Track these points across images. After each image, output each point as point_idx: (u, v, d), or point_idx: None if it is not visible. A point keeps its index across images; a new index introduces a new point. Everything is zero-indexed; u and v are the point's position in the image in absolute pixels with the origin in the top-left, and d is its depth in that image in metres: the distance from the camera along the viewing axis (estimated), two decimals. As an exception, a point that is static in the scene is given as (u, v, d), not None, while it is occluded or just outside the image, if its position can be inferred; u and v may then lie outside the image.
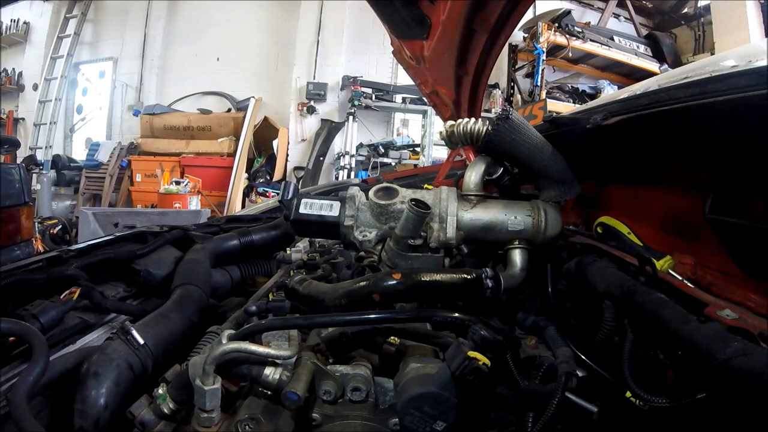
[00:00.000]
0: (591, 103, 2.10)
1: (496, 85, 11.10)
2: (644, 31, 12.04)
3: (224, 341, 0.92)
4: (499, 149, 1.58)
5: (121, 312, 1.69)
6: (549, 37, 9.93)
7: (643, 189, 1.92)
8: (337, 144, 11.13)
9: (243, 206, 10.15)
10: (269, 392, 0.97)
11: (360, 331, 1.14)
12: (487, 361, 0.93)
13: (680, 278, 1.59)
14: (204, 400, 0.88)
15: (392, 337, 1.14)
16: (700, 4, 11.28)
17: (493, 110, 10.31)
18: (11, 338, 1.29)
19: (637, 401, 1.06)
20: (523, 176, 1.74)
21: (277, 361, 0.96)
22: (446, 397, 0.93)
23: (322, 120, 11.14)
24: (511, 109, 1.53)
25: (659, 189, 1.82)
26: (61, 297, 1.57)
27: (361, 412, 1.01)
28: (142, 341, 1.27)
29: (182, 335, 1.47)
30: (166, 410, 0.99)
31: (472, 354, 0.93)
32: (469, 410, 1.05)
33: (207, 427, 0.91)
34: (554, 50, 10.36)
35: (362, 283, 1.26)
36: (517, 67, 11.16)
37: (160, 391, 1.02)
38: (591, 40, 10.24)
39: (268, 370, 0.95)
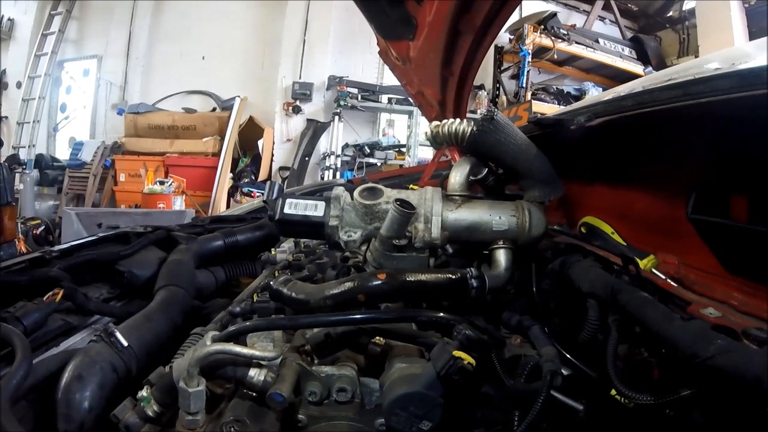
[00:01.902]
0: (575, 105, 2.12)
1: (481, 86, 11.18)
2: (629, 34, 12.15)
3: (208, 342, 0.92)
4: (483, 150, 1.59)
5: (105, 314, 1.69)
6: (535, 39, 10.00)
7: (626, 189, 1.93)
8: (323, 144, 11.14)
9: (228, 206, 10.13)
10: (254, 394, 0.96)
11: (345, 331, 1.14)
12: (472, 361, 0.94)
13: (663, 277, 1.60)
14: (188, 403, 0.88)
15: (377, 338, 1.14)
16: (685, 7, 11.39)
17: (478, 111, 10.38)
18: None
19: (622, 399, 1.07)
20: (508, 177, 1.75)
21: (262, 362, 0.96)
22: (432, 397, 0.94)
23: (307, 120, 11.14)
24: (495, 110, 1.54)
25: (643, 189, 1.84)
26: (44, 299, 1.56)
27: (347, 413, 1.01)
28: (125, 343, 1.27)
29: (166, 337, 1.46)
30: (150, 413, 0.99)
31: (457, 353, 0.93)
32: (455, 410, 1.05)
33: (192, 429, 0.91)
34: (540, 52, 10.42)
35: (347, 284, 1.27)
36: (502, 68, 11.22)
37: (144, 393, 1.01)
38: (576, 43, 10.34)
39: (253, 372, 0.95)
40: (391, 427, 0.97)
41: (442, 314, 1.14)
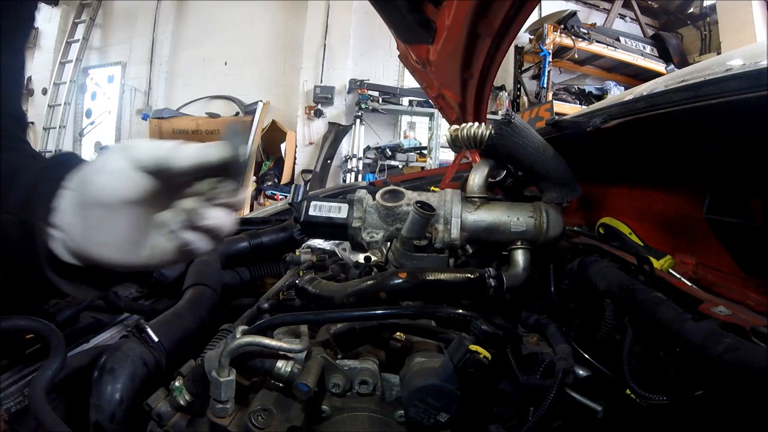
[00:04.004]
0: (593, 106, 2.13)
1: (502, 87, 11.12)
2: (650, 32, 12.00)
3: (239, 335, 0.97)
4: (501, 152, 1.61)
5: (134, 311, 1.74)
6: (555, 38, 9.92)
7: (644, 190, 1.94)
8: (345, 147, 11.16)
9: (251, 209, 10.19)
10: (281, 384, 1.00)
11: (367, 327, 1.18)
12: (488, 355, 0.96)
13: (679, 277, 1.61)
14: (219, 392, 0.92)
15: (398, 333, 1.18)
16: (706, 3, 11.22)
17: (499, 112, 10.34)
18: (28, 336, 1.33)
19: (637, 399, 1.09)
20: (527, 179, 1.77)
21: (289, 354, 0.99)
22: (449, 390, 0.96)
23: (329, 123, 11.17)
24: (513, 113, 1.56)
25: (660, 190, 1.85)
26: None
27: (369, 404, 1.05)
28: (156, 339, 1.31)
29: (195, 333, 1.51)
30: (182, 402, 1.04)
31: (473, 347, 0.96)
32: (472, 403, 1.08)
33: (221, 417, 0.95)
34: (560, 52, 10.34)
35: (369, 282, 1.30)
36: (523, 68, 11.16)
37: (177, 383, 1.06)
38: (597, 41, 10.22)
39: (280, 363, 0.99)
40: (410, 419, 0.99)
41: (460, 310, 1.17)
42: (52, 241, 0.89)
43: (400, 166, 10.79)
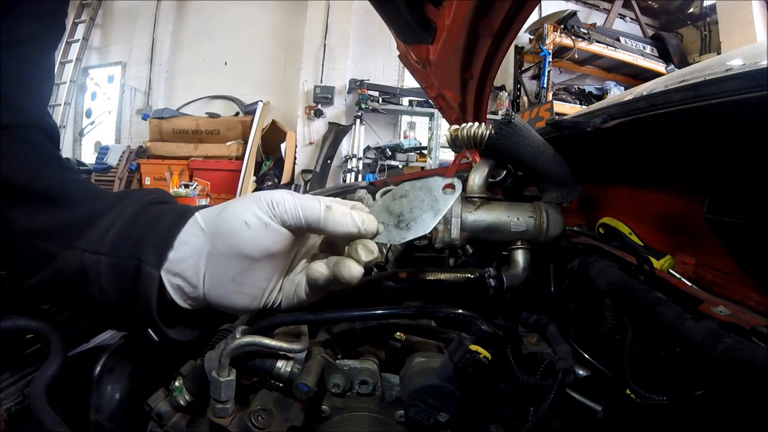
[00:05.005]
0: (593, 106, 2.13)
1: (502, 87, 11.15)
2: (650, 32, 12.03)
3: (239, 335, 0.96)
4: (501, 152, 1.61)
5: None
6: (555, 38, 9.96)
7: (644, 190, 1.94)
8: (345, 147, 11.18)
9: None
10: (281, 384, 1.00)
11: (367, 327, 1.18)
12: (488, 355, 0.96)
13: (679, 277, 1.61)
14: (219, 392, 0.92)
15: (398, 333, 1.18)
16: (706, 3, 11.26)
17: (499, 112, 10.36)
18: (28, 335, 1.33)
19: (637, 399, 1.09)
20: (527, 179, 1.77)
21: (289, 354, 0.99)
22: (449, 390, 0.96)
23: (329, 123, 11.20)
24: (513, 113, 1.56)
25: (660, 190, 1.85)
26: (76, 297, 1.60)
27: (368, 404, 1.04)
28: (156, 338, 1.31)
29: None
30: (182, 402, 1.03)
31: (473, 347, 0.96)
32: (472, 403, 1.08)
33: (222, 417, 0.95)
34: (560, 52, 10.37)
35: (369, 282, 1.30)
36: (523, 68, 11.18)
37: (177, 383, 1.06)
38: (597, 41, 10.27)
39: (280, 363, 0.99)
40: (410, 418, 0.99)
41: (460, 310, 1.17)
42: (168, 288, 0.91)
43: (401, 166, 10.80)
